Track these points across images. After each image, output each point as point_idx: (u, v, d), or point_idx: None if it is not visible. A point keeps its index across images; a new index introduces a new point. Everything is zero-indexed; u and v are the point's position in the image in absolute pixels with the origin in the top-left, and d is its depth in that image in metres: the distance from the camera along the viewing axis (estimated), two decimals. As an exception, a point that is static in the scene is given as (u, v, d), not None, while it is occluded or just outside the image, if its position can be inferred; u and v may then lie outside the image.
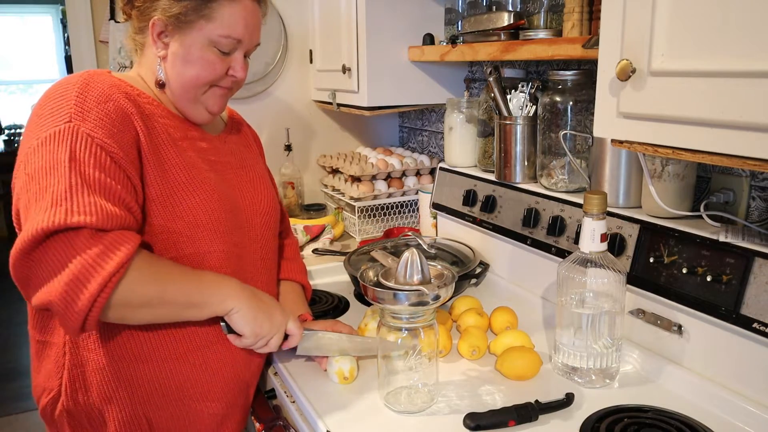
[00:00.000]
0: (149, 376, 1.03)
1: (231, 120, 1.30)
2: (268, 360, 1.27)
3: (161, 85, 1.09)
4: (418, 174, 2.07)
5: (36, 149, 0.92)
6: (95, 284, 0.85)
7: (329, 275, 1.68)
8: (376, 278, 1.05)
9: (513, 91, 1.52)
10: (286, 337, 1.11)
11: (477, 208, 1.60)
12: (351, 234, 2.07)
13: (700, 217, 1.12)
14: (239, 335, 1.05)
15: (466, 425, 0.97)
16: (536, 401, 1.01)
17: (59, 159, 0.90)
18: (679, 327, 1.11)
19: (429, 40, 1.81)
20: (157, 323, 1.01)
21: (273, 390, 1.22)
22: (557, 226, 1.35)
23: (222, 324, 1.04)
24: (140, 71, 1.12)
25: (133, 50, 1.14)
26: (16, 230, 0.96)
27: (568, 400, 1.02)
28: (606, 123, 0.93)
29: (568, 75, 1.37)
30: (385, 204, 2.00)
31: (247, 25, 1.08)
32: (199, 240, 1.04)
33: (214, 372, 1.08)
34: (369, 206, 1.98)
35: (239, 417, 1.15)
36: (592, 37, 1.16)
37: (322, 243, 1.93)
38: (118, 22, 2.28)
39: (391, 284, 1.01)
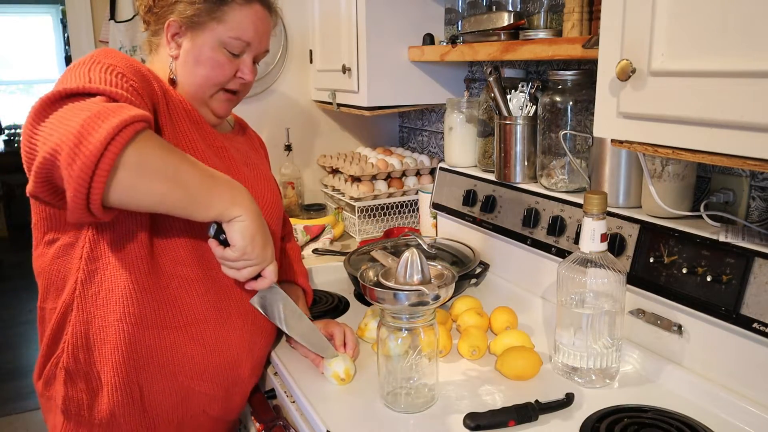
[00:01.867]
0: (148, 342, 1.03)
1: (237, 124, 1.34)
2: (268, 360, 1.27)
3: (172, 83, 1.13)
4: (418, 174, 2.07)
5: (68, 73, 0.94)
6: (115, 120, 0.80)
7: (329, 275, 1.68)
8: (376, 278, 1.05)
9: (513, 91, 1.52)
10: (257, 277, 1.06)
11: (477, 208, 1.60)
12: (351, 234, 2.07)
13: (700, 217, 1.12)
14: (225, 246, 0.99)
15: (466, 425, 0.97)
16: (536, 401, 1.01)
17: (86, 61, 0.94)
18: (679, 327, 1.11)
19: (429, 40, 1.82)
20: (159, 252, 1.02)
21: (273, 390, 1.22)
22: (557, 226, 1.35)
23: (212, 225, 0.98)
24: (153, 68, 1.14)
25: (147, 50, 1.19)
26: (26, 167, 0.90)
27: (568, 400, 1.02)
28: (606, 123, 0.93)
29: (568, 75, 1.37)
30: (385, 204, 2.00)
31: (257, 29, 1.13)
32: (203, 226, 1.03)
33: (211, 350, 1.08)
34: (369, 206, 1.98)
35: (232, 404, 1.15)
36: (592, 37, 1.16)
37: (322, 243, 1.93)
38: (119, 22, 2.28)
39: (391, 284, 1.01)
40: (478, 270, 1.52)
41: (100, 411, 1.03)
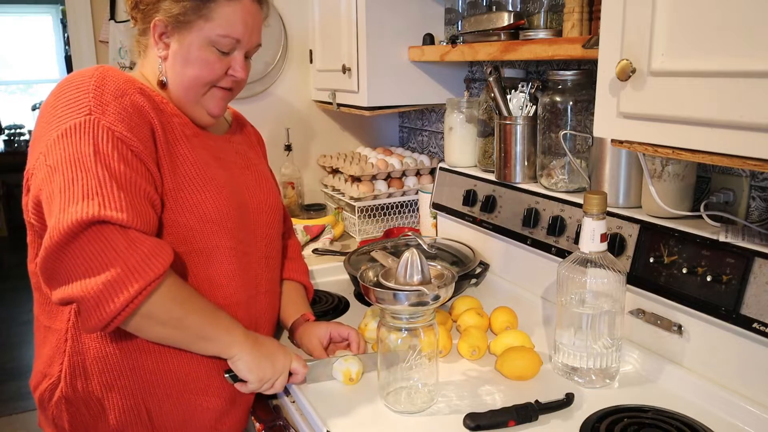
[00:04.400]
0: (151, 367, 1.03)
1: (235, 121, 1.31)
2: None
3: (162, 85, 1.10)
4: (418, 174, 2.07)
5: (57, 141, 0.92)
6: (133, 290, 0.87)
7: (329, 275, 1.68)
8: (376, 278, 1.05)
9: (513, 91, 1.52)
10: (291, 374, 1.11)
11: (477, 208, 1.60)
12: (351, 234, 2.07)
13: (700, 217, 1.12)
14: (244, 382, 1.06)
15: (466, 425, 0.97)
16: (536, 401, 1.01)
17: (83, 152, 0.91)
18: (679, 327, 1.11)
19: (429, 40, 1.81)
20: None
21: (273, 390, 1.22)
22: (557, 226, 1.35)
23: (226, 375, 1.06)
24: (144, 72, 1.13)
25: (137, 52, 1.15)
26: (29, 222, 0.98)
27: (568, 400, 1.02)
28: (606, 123, 0.93)
29: (568, 75, 1.37)
30: (385, 204, 2.00)
31: (246, 25, 1.09)
32: (207, 235, 1.06)
33: (215, 366, 1.08)
34: (369, 206, 1.98)
35: (239, 414, 1.15)
36: (592, 37, 1.16)
37: (322, 243, 1.93)
38: (119, 22, 2.28)
39: (391, 284, 1.01)
40: (478, 270, 1.52)
41: (108, 430, 1.03)
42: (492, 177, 1.57)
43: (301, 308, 1.30)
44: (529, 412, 0.98)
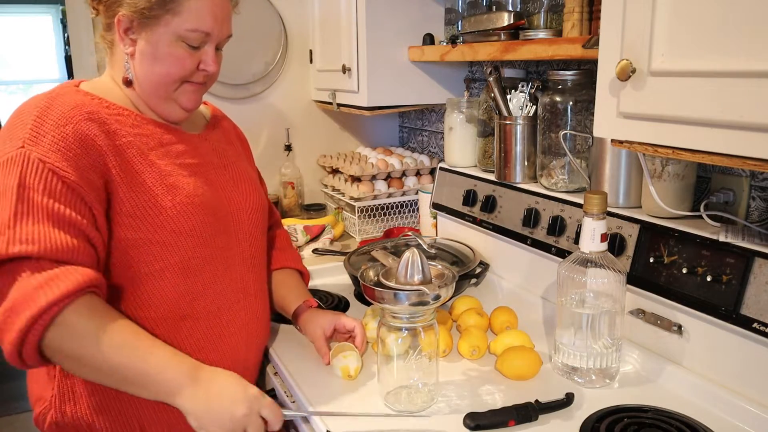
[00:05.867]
0: None
1: (213, 118, 1.27)
2: (269, 359, 1.27)
3: (129, 83, 1.06)
4: (418, 174, 2.07)
5: None
6: (25, 317, 0.83)
7: (329, 275, 1.68)
8: (376, 278, 1.05)
9: (513, 91, 1.52)
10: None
11: (477, 208, 1.60)
12: (351, 234, 2.07)
13: (700, 217, 1.12)
14: None
15: (466, 425, 0.97)
16: (536, 401, 1.01)
17: (7, 185, 0.88)
18: (679, 327, 1.11)
19: (429, 40, 1.81)
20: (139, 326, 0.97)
21: (273, 390, 1.22)
22: (557, 226, 1.35)
23: None
24: (112, 73, 1.09)
25: (103, 48, 1.11)
26: None
27: (568, 400, 1.02)
28: (606, 123, 0.93)
29: (568, 75, 1.37)
30: (385, 204, 2.00)
31: (216, 17, 1.04)
32: (183, 248, 1.03)
33: None
34: (369, 206, 1.98)
35: None
36: (592, 37, 1.16)
37: (322, 243, 1.93)
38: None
39: (391, 284, 1.01)
40: (478, 270, 1.52)
41: None
42: (492, 177, 1.57)
43: (302, 294, 1.29)
44: (529, 411, 0.98)
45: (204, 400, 0.92)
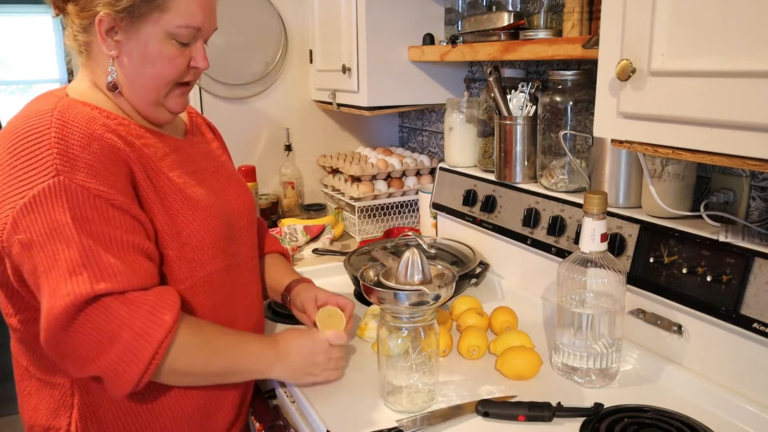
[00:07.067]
0: (170, 403, 1.00)
1: (189, 116, 1.20)
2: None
3: (115, 88, 0.99)
4: (418, 174, 2.07)
5: (25, 210, 0.83)
6: (147, 354, 0.85)
7: (329, 275, 1.68)
8: (376, 278, 1.05)
9: (513, 91, 1.52)
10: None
11: (477, 208, 1.60)
12: (351, 234, 2.07)
13: (700, 217, 1.12)
14: None
15: (476, 410, 0.99)
16: (558, 403, 1.00)
17: (60, 220, 0.83)
18: (679, 327, 1.11)
19: (429, 40, 1.82)
20: None
21: (273, 390, 1.22)
22: (557, 226, 1.35)
23: None
24: (93, 78, 1.00)
25: (76, 52, 1.01)
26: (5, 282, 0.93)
27: (595, 409, 1.00)
28: (606, 123, 0.93)
29: (568, 75, 1.37)
30: (385, 204, 2.00)
31: (205, 10, 0.99)
32: (206, 262, 1.01)
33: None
34: (369, 206, 1.98)
35: (244, 417, 1.15)
36: (592, 37, 1.16)
37: (322, 243, 1.93)
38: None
39: (391, 284, 1.01)
40: (478, 270, 1.52)
41: None
42: (492, 177, 1.57)
43: (291, 275, 1.30)
44: (543, 411, 0.98)
45: (291, 366, 1.06)
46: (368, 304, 1.42)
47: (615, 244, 1.20)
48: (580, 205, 1.28)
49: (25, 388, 1.04)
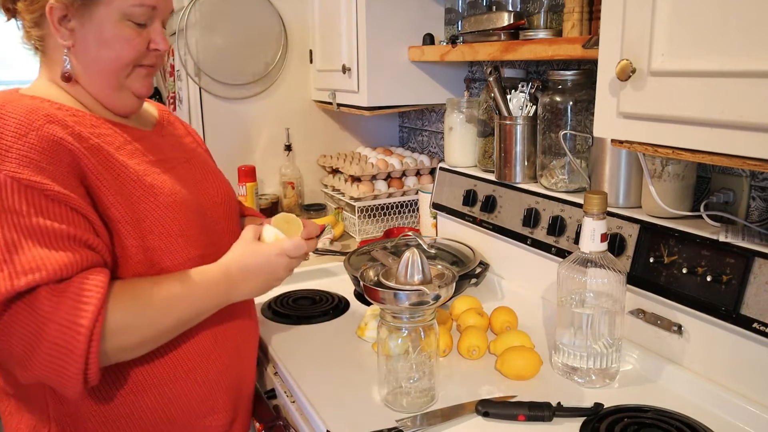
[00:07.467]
0: (152, 405, 0.97)
1: (161, 113, 1.19)
2: (269, 359, 1.27)
3: (69, 78, 0.96)
4: (418, 174, 2.07)
5: None
6: (80, 344, 0.80)
7: (329, 275, 1.69)
8: (376, 278, 1.05)
9: (513, 91, 1.52)
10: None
11: (477, 208, 1.60)
12: (351, 234, 2.07)
13: (700, 217, 1.12)
14: None
15: (476, 410, 0.99)
16: (558, 403, 1.01)
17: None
18: (679, 327, 1.11)
19: (429, 40, 1.82)
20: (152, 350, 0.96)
21: (273, 390, 1.22)
22: (557, 226, 1.35)
23: None
24: (49, 74, 0.99)
25: (33, 50, 1.00)
26: None
27: (595, 409, 1.00)
28: (606, 123, 0.93)
29: (568, 75, 1.37)
30: (385, 204, 2.00)
31: None
32: (174, 251, 0.97)
33: (217, 384, 1.04)
34: (369, 206, 1.98)
35: (243, 419, 1.14)
36: (592, 37, 1.16)
37: (322, 243, 1.91)
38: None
39: (391, 284, 1.01)
40: (478, 270, 1.52)
41: None
42: (492, 177, 1.57)
43: (257, 215, 1.30)
44: (543, 411, 0.98)
45: (249, 290, 1.02)
46: (368, 304, 1.42)
47: (615, 244, 1.20)
48: (580, 205, 1.28)
49: (6, 409, 1.01)
